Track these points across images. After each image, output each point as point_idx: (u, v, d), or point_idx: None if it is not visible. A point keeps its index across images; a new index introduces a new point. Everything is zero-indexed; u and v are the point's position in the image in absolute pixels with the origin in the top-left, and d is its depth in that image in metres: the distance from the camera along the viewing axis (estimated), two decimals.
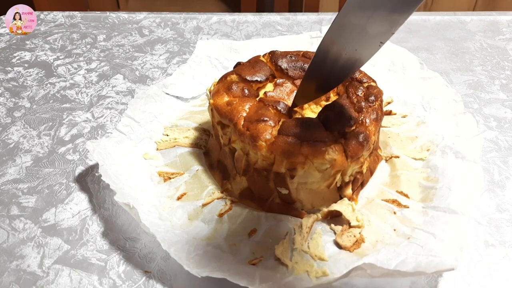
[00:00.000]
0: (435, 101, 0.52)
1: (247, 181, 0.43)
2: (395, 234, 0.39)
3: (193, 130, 0.52)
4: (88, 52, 0.69)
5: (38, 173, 0.47)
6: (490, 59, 0.66)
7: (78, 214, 0.42)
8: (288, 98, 0.46)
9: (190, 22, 0.77)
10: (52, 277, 0.37)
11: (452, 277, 0.36)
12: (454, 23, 0.76)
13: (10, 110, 0.56)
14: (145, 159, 0.47)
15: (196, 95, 0.57)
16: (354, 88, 0.44)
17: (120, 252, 0.39)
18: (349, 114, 0.40)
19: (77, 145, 0.51)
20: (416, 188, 0.43)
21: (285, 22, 0.77)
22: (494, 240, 0.40)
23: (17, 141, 0.51)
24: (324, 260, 0.37)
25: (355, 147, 0.39)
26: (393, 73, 0.58)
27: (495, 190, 0.45)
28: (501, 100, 0.57)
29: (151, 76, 0.63)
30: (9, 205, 0.43)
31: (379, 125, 0.42)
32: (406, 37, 0.71)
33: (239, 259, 0.37)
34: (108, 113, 0.56)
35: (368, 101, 0.42)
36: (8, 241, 0.40)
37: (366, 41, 0.35)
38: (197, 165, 0.47)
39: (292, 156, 0.38)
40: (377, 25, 0.33)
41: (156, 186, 0.44)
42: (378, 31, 0.33)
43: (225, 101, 0.43)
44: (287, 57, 0.48)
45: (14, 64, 0.66)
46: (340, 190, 0.42)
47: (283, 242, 0.39)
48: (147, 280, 0.37)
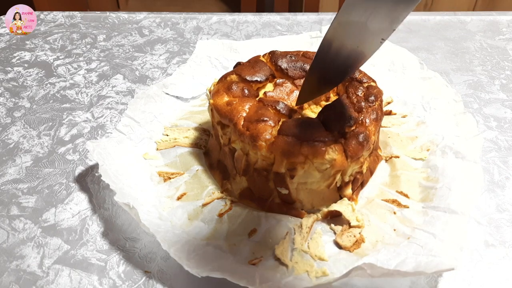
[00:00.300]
0: (435, 101, 0.52)
1: (247, 181, 0.43)
2: (395, 234, 0.39)
3: (193, 130, 0.52)
4: (88, 52, 0.69)
5: (38, 173, 0.47)
6: (490, 59, 0.66)
7: (78, 214, 0.42)
8: (288, 98, 0.46)
9: (190, 22, 0.77)
10: (52, 277, 0.37)
11: (452, 277, 0.36)
12: (454, 23, 0.76)
13: (10, 110, 0.56)
14: (145, 159, 0.47)
15: (196, 95, 0.57)
16: (354, 88, 0.44)
17: (120, 252, 0.39)
18: (349, 114, 0.40)
19: (77, 145, 0.51)
20: (416, 188, 0.43)
21: (285, 22, 0.77)
22: (494, 240, 0.40)
23: (17, 141, 0.51)
24: (324, 260, 0.37)
25: (355, 147, 0.39)
26: (393, 73, 0.58)
27: (495, 190, 0.45)
28: (501, 100, 0.57)
29: (151, 76, 0.63)
30: (9, 205, 0.43)
31: (379, 125, 0.42)
32: (406, 37, 0.71)
33: (239, 259, 0.37)
34: (108, 113, 0.56)
35: (368, 101, 0.42)
36: (8, 241, 0.40)
37: (368, 38, 0.35)
38: (197, 165, 0.47)
39: (292, 156, 0.38)
40: (378, 21, 0.33)
41: (156, 186, 0.44)
42: (379, 28, 0.33)
43: (225, 101, 0.43)
44: (287, 57, 0.48)
45: (14, 64, 0.66)
46: (340, 190, 0.42)
47: (283, 242, 0.39)
48: (147, 280, 0.37)
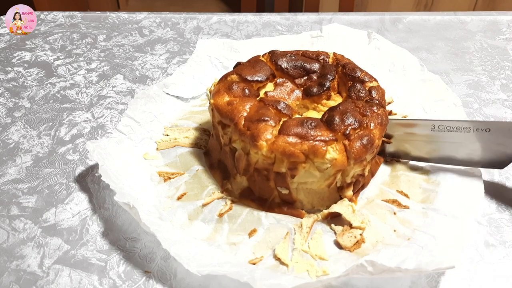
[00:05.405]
0: (436, 104, 0.52)
1: (247, 180, 0.43)
2: (395, 235, 0.39)
3: (193, 130, 0.52)
4: (88, 52, 0.69)
5: (38, 173, 0.47)
6: (490, 59, 0.66)
7: (78, 214, 0.42)
8: (288, 97, 0.46)
9: (190, 22, 0.77)
10: (52, 277, 0.37)
11: (452, 277, 0.36)
12: (454, 23, 0.76)
13: (10, 110, 0.56)
14: (145, 159, 0.47)
15: (196, 95, 0.57)
16: (357, 90, 0.44)
17: (120, 252, 0.39)
18: (353, 116, 0.40)
19: (77, 145, 0.51)
20: (417, 189, 0.43)
21: (285, 22, 0.77)
22: (494, 240, 0.40)
23: (17, 141, 0.51)
24: (324, 260, 0.37)
25: (359, 149, 0.39)
26: (393, 74, 0.58)
27: (496, 190, 0.45)
28: (501, 100, 0.57)
29: (151, 76, 0.63)
30: (9, 205, 0.43)
31: (384, 130, 0.42)
32: (406, 37, 0.71)
33: (239, 259, 0.37)
34: (108, 113, 0.56)
35: (373, 105, 0.42)
36: (8, 241, 0.40)
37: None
38: (197, 165, 0.47)
39: (292, 156, 0.38)
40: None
41: (156, 186, 0.44)
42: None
43: (225, 101, 0.43)
44: (287, 57, 0.48)
45: (14, 64, 0.66)
46: (341, 190, 0.42)
47: (283, 242, 0.39)
48: (147, 280, 0.37)
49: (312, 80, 0.47)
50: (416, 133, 0.44)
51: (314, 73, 0.48)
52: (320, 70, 0.48)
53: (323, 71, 0.47)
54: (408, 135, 0.45)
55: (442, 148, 0.44)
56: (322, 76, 0.47)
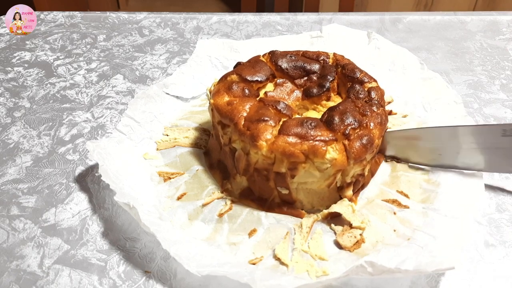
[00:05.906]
0: (436, 102, 0.52)
1: (247, 181, 0.43)
2: (395, 235, 0.39)
3: (193, 130, 0.52)
4: (88, 52, 0.69)
5: (38, 173, 0.47)
6: (490, 59, 0.66)
7: (78, 214, 0.42)
8: (288, 97, 0.46)
9: (190, 22, 0.77)
10: (52, 277, 0.37)
11: (452, 277, 0.36)
12: (454, 23, 0.76)
13: (10, 110, 0.56)
14: (145, 159, 0.47)
15: (196, 95, 0.57)
16: (356, 91, 0.44)
17: (120, 252, 0.39)
18: (353, 116, 0.40)
19: (77, 145, 0.51)
20: (417, 189, 0.43)
21: (285, 22, 0.77)
22: (494, 240, 0.40)
23: (17, 141, 0.51)
24: (324, 260, 0.37)
25: (359, 149, 0.39)
26: (393, 73, 0.58)
27: (495, 190, 0.45)
28: (501, 100, 0.57)
29: (151, 76, 0.63)
30: (9, 205, 0.43)
31: (384, 129, 0.42)
32: (406, 37, 0.71)
33: (239, 259, 0.37)
34: (108, 113, 0.56)
35: (373, 105, 0.42)
36: (8, 241, 0.40)
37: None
38: (197, 165, 0.47)
39: (292, 156, 0.38)
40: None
41: (156, 186, 0.44)
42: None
43: (225, 101, 0.43)
44: (287, 57, 0.48)
45: (14, 64, 0.66)
46: (340, 190, 0.42)
47: (283, 242, 0.39)
48: (147, 280, 0.37)
49: (312, 81, 0.47)
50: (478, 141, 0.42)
51: (314, 74, 0.48)
52: (320, 71, 0.48)
53: (323, 72, 0.47)
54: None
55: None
56: (322, 77, 0.47)
